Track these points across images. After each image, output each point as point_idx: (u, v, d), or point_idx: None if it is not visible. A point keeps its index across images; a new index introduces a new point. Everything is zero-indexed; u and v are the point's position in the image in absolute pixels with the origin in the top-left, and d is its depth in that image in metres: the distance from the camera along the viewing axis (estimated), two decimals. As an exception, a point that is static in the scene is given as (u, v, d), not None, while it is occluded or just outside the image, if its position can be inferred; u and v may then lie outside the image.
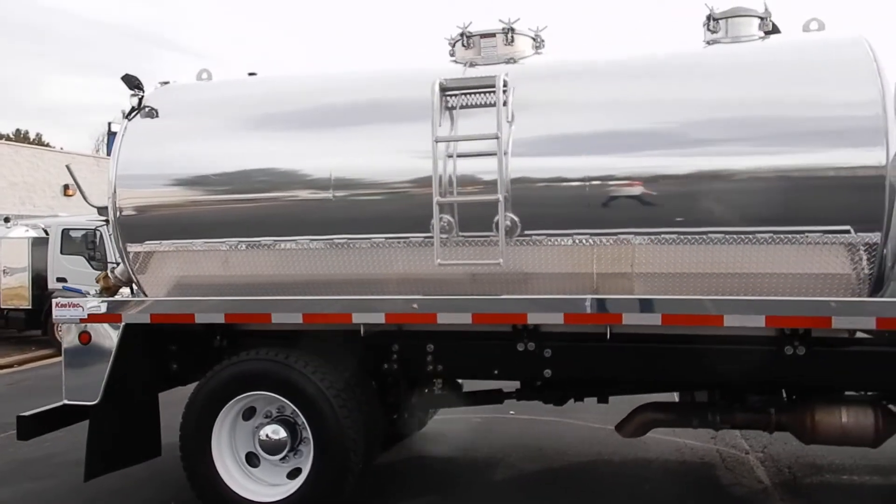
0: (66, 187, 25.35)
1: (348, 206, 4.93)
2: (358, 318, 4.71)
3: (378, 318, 4.69)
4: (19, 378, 11.01)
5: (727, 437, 6.49)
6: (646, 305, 4.38)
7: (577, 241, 4.62)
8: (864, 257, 4.28)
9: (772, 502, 5.19)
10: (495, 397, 5.80)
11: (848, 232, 4.26)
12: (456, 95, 4.87)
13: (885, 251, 4.29)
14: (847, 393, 4.89)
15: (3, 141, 31.53)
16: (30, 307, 13.47)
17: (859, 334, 4.63)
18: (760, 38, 4.89)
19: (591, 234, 4.60)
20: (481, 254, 4.65)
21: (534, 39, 5.32)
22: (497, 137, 4.54)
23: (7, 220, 15.89)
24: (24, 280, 13.57)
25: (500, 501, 5.35)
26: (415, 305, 4.69)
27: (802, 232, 4.30)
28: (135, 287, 5.60)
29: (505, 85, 4.70)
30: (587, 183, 4.59)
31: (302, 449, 4.82)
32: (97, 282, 5.77)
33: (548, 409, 5.65)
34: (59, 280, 13.12)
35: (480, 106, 4.81)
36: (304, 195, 5.06)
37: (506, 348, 4.84)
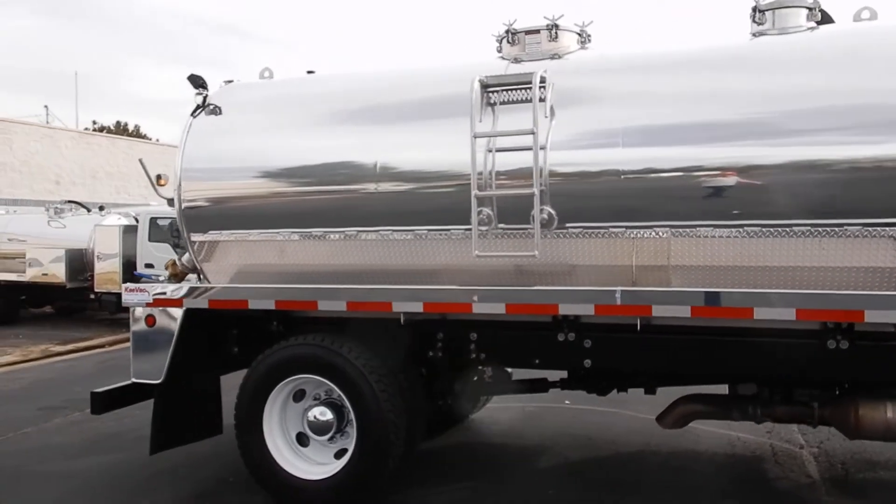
0: (158, 177, 26.48)
1: (392, 198, 5.13)
2: (398, 306, 4.90)
3: (417, 307, 4.86)
4: (108, 358, 11.72)
5: (783, 431, 6.42)
6: (674, 297, 4.41)
7: (613, 234, 4.68)
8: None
9: (818, 497, 5.13)
10: (540, 386, 5.92)
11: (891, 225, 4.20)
12: (497, 92, 5.00)
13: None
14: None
15: (102, 133, 33.16)
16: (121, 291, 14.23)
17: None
18: (810, 28, 4.81)
19: (627, 227, 4.65)
20: (518, 246, 4.77)
21: (579, 35, 5.37)
22: (533, 133, 4.64)
23: (102, 208, 16.86)
24: (115, 265, 14.33)
25: (541, 489, 5.45)
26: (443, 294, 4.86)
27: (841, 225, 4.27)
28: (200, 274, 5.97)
29: (543, 81, 4.80)
30: (621, 176, 4.65)
31: (348, 430, 5.05)
32: (166, 268, 6.16)
33: (601, 399, 5.72)
34: (147, 266, 13.83)
35: (520, 102, 4.92)
36: (352, 187, 5.28)
37: (546, 338, 4.93)
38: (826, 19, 4.98)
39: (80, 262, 14.87)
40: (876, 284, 4.31)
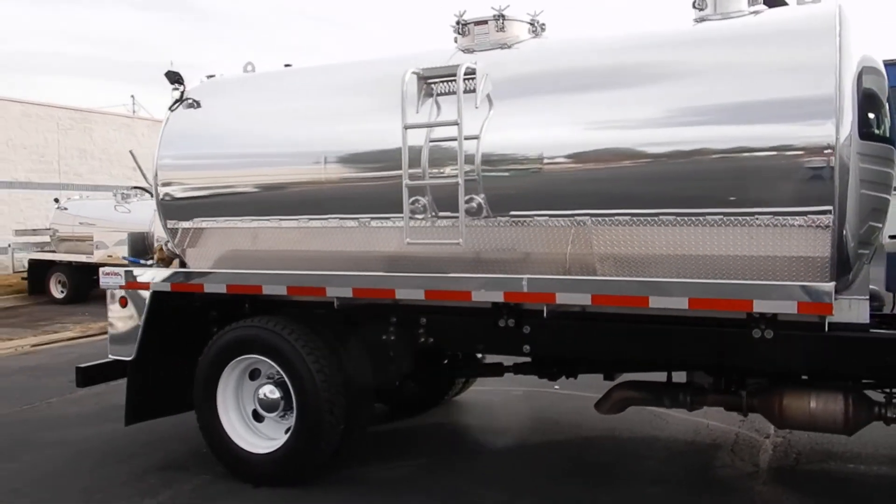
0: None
1: (341, 187, 5.37)
2: (331, 291, 5.15)
3: (347, 293, 5.10)
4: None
5: (757, 421, 6.33)
6: (576, 285, 4.49)
7: (539, 223, 4.79)
8: (820, 239, 4.16)
9: (751, 485, 5.12)
10: (495, 370, 6.07)
11: (799, 214, 4.16)
12: (437, 83, 5.16)
13: (843, 232, 4.14)
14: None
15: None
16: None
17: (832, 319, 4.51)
18: (752, 13, 4.75)
19: (551, 216, 4.76)
20: (446, 234, 4.93)
21: (530, 24, 5.46)
22: (457, 124, 4.78)
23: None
24: (172, 248, 15.14)
25: (489, 468, 5.63)
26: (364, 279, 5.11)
27: (752, 214, 4.26)
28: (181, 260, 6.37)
29: (472, 72, 4.93)
30: (544, 164, 4.74)
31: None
32: (154, 253, 6.61)
33: (591, 385, 5.84)
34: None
35: (453, 94, 5.03)
36: (309, 178, 5.54)
37: (489, 324, 5.07)
38: (775, 2, 4.92)
39: (141, 245, 15.63)
40: (790, 274, 4.29)
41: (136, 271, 5.93)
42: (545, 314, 4.69)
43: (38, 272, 16.84)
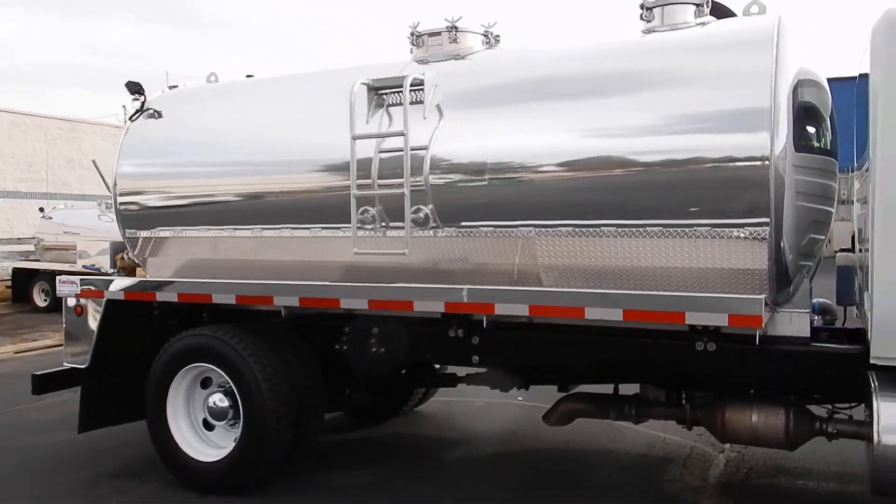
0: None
1: (293, 198, 5.41)
2: (278, 300, 5.16)
3: (294, 302, 5.11)
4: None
5: (714, 434, 6.35)
6: (514, 296, 4.50)
7: (487, 234, 4.81)
8: (758, 252, 4.17)
9: (695, 499, 5.10)
10: (448, 381, 6.08)
11: (737, 226, 4.18)
12: (388, 94, 5.19)
13: (781, 244, 4.15)
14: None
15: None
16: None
17: (773, 332, 4.53)
18: (700, 24, 4.78)
19: (497, 227, 4.78)
20: (395, 244, 4.94)
21: (484, 36, 5.51)
22: (403, 134, 4.82)
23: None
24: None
25: (440, 477, 5.63)
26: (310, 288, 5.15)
27: (692, 225, 4.28)
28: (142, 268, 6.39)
29: (420, 84, 4.97)
30: (491, 175, 4.76)
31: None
32: (115, 262, 6.62)
33: (556, 397, 5.74)
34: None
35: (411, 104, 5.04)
36: (261, 189, 5.58)
37: (439, 334, 5.07)
38: (725, 13, 4.96)
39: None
40: (731, 286, 4.31)
41: (88, 280, 5.94)
42: (485, 324, 4.70)
43: (22, 281, 16.84)
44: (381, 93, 5.20)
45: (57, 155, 19.92)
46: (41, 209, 17.19)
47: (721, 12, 4.95)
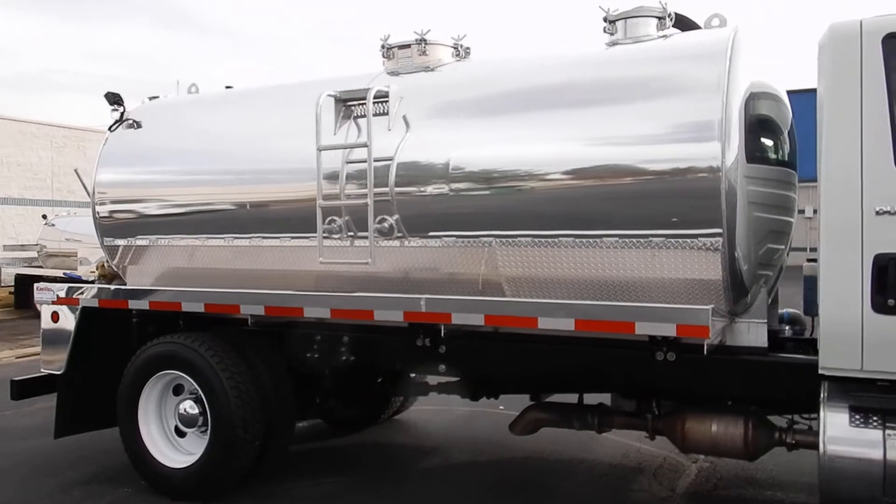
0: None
1: (261, 209, 5.48)
2: (244, 309, 5.23)
3: (259, 310, 5.18)
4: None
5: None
6: (468, 306, 4.54)
7: (450, 244, 4.85)
8: (711, 262, 4.19)
9: (662, 511, 5.13)
10: (420, 389, 6.12)
11: (690, 236, 4.20)
12: (354, 105, 5.26)
13: (735, 254, 4.17)
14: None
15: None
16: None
17: (731, 342, 4.55)
18: (662, 37, 4.82)
19: (460, 237, 4.82)
20: (361, 254, 4.98)
21: (454, 48, 5.56)
22: (366, 146, 4.88)
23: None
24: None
25: (411, 484, 5.67)
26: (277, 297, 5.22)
27: (647, 236, 4.31)
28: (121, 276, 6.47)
29: (384, 96, 5.04)
30: (454, 185, 4.79)
31: (210, 424, 5.40)
32: (96, 269, 6.71)
33: None
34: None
35: (377, 115, 5.10)
36: (231, 200, 5.66)
37: (407, 343, 5.11)
38: (689, 25, 4.99)
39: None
40: (688, 297, 4.32)
41: (62, 288, 6.03)
42: (442, 333, 4.75)
43: (26, 287, 17.00)
44: (349, 104, 5.26)
45: (62, 163, 20.12)
46: (44, 216, 17.37)
47: (686, 25, 4.99)
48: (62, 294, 5.93)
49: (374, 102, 5.00)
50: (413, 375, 6.53)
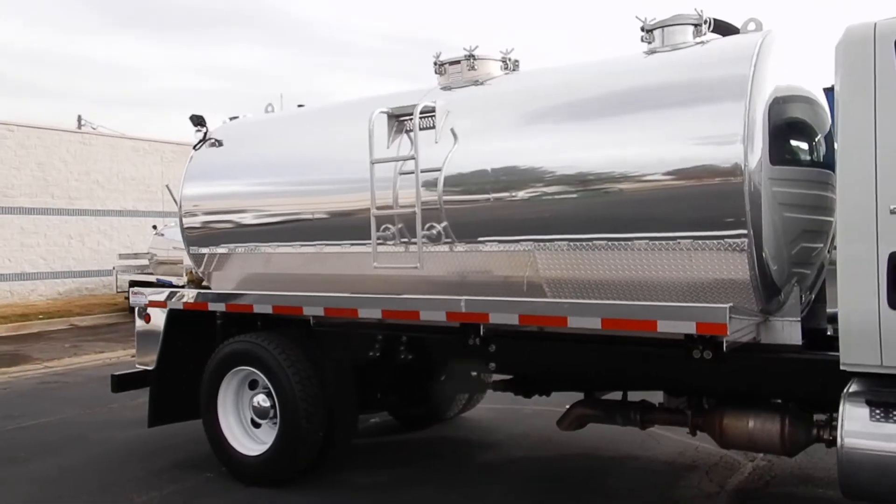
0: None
1: (325, 219, 5.93)
2: (307, 310, 5.67)
3: (319, 311, 5.61)
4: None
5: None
6: (503, 306, 4.80)
7: (495, 249, 5.14)
8: (738, 262, 4.32)
9: (704, 506, 5.24)
10: (478, 387, 6.41)
11: (717, 237, 4.34)
12: (404, 120, 5.62)
13: (763, 254, 4.29)
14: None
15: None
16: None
17: (766, 340, 4.64)
18: (699, 43, 4.97)
19: (502, 241, 5.11)
20: (408, 259, 5.34)
21: (503, 62, 5.86)
22: (413, 158, 5.23)
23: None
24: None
25: (468, 478, 5.97)
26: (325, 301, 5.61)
27: (675, 238, 4.47)
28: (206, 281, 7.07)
29: (431, 111, 5.38)
30: (497, 193, 5.08)
31: (282, 416, 5.87)
32: (185, 275, 7.34)
33: None
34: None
35: (424, 129, 5.44)
36: (300, 211, 6.13)
37: (460, 342, 5.40)
38: (729, 30, 5.10)
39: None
40: (720, 296, 4.44)
41: (155, 292, 6.65)
42: (482, 332, 5.04)
43: (139, 293, 18.26)
44: (401, 119, 5.63)
45: (171, 176, 21.44)
46: (154, 226, 18.60)
47: (727, 30, 5.10)
48: (153, 298, 6.54)
49: (420, 117, 5.34)
50: (473, 374, 6.89)
